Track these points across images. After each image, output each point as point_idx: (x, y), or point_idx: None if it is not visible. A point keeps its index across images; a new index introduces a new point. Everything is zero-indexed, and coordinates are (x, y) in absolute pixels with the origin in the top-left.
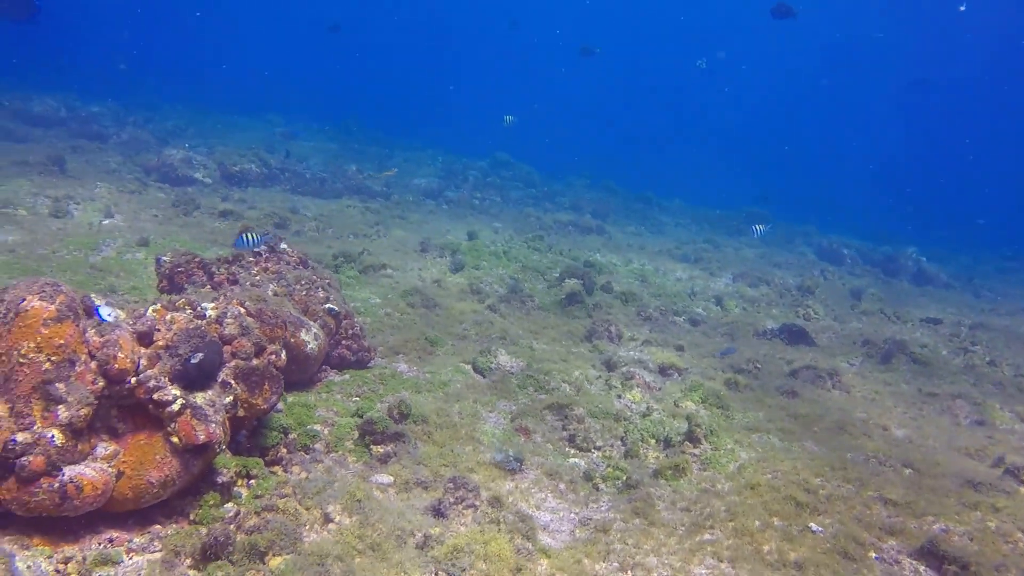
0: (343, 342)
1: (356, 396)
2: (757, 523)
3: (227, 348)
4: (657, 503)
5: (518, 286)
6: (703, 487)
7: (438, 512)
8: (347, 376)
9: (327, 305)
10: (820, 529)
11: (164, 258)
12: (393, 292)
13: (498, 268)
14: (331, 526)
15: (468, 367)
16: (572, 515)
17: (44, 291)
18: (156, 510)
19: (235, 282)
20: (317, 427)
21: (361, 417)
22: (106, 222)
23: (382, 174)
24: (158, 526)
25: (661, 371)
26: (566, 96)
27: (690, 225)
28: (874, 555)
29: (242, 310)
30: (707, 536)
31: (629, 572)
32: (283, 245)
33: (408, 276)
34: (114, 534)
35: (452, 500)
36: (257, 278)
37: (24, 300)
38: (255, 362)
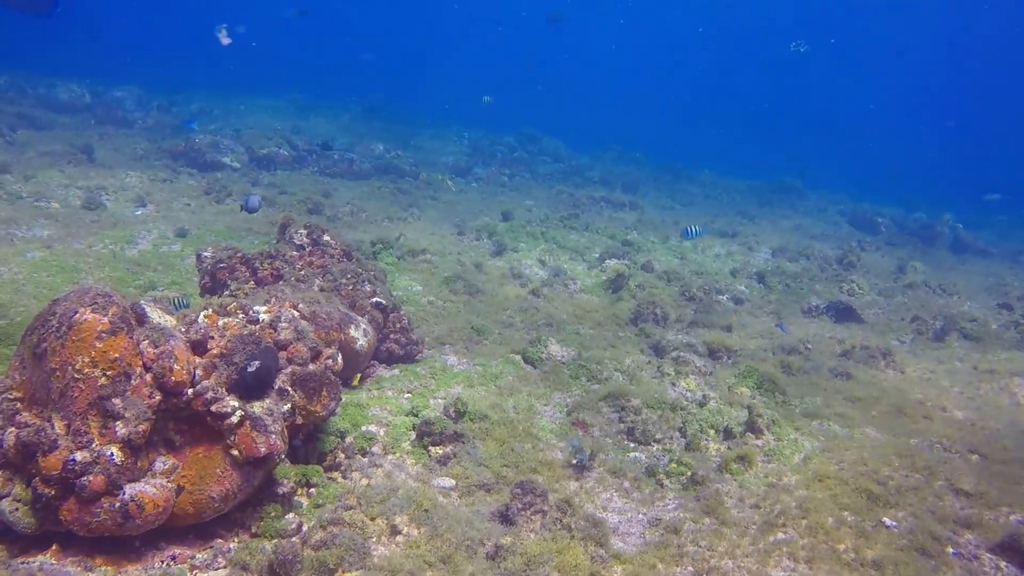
0: (391, 336)
1: (408, 392)
2: (830, 520)
3: (282, 354)
4: (725, 500)
5: (559, 269)
6: (770, 481)
7: (506, 519)
8: (396, 371)
9: (374, 299)
10: (894, 524)
11: (206, 254)
12: (434, 278)
13: (537, 250)
14: (399, 538)
15: (518, 358)
16: (640, 515)
17: (96, 302)
18: (216, 523)
19: (279, 277)
20: (372, 428)
21: (416, 415)
22: (139, 212)
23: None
24: (220, 540)
25: (711, 354)
26: (594, 70)
27: (721, 196)
28: (952, 551)
29: (296, 313)
30: (780, 536)
31: None
32: (326, 237)
33: (447, 261)
34: (176, 550)
35: (520, 506)
36: (302, 272)
37: (76, 312)
38: (312, 367)
